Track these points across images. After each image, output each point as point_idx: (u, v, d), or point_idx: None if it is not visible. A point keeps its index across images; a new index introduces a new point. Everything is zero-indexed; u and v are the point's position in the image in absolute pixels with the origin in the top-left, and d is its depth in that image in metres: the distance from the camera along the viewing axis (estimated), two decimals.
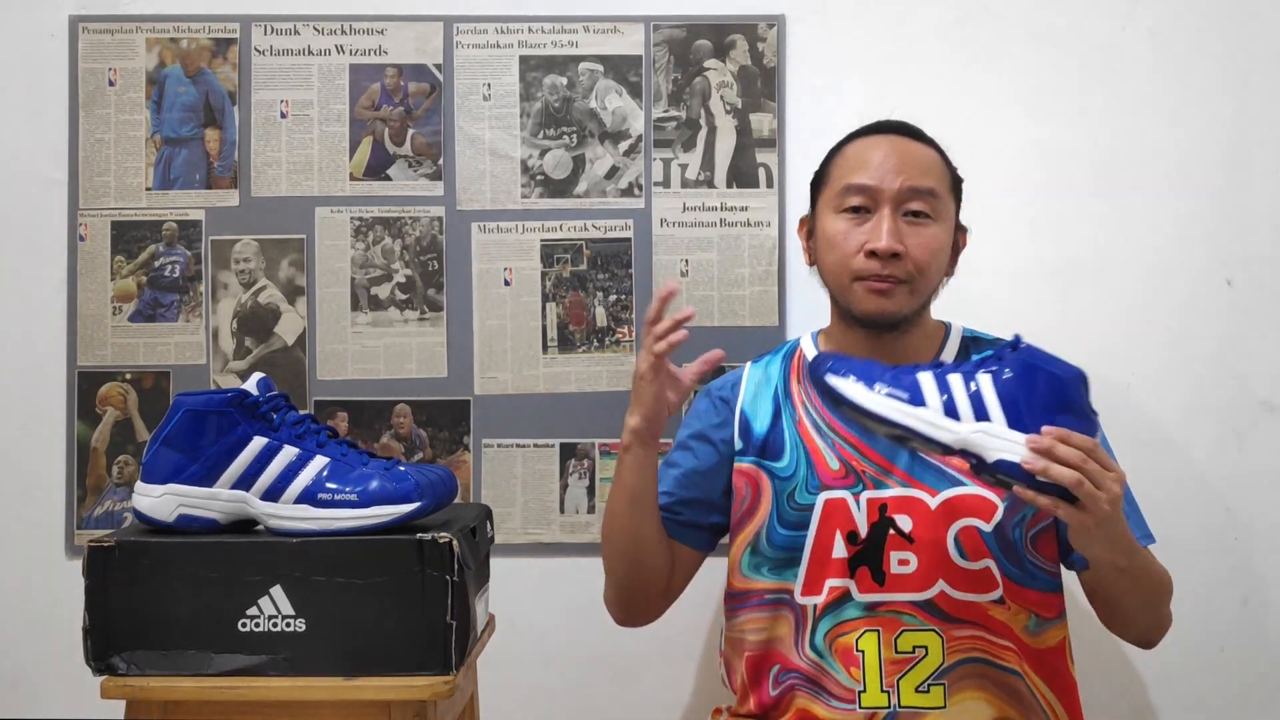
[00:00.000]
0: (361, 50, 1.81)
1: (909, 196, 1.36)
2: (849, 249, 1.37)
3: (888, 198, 1.36)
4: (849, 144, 1.44)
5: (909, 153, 1.39)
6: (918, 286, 1.37)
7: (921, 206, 1.37)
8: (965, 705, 1.33)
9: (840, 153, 1.44)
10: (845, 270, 1.38)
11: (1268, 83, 1.78)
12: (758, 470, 1.42)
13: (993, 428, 1.14)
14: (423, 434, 1.79)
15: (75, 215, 1.79)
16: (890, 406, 1.16)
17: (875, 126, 1.44)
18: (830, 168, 1.44)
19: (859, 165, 1.39)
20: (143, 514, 1.27)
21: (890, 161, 1.37)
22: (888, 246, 1.34)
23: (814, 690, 1.36)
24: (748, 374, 1.50)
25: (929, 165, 1.39)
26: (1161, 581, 1.36)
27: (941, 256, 1.39)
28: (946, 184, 1.41)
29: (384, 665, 1.23)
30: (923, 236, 1.36)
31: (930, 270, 1.37)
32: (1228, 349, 1.77)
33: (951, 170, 1.43)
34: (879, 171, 1.37)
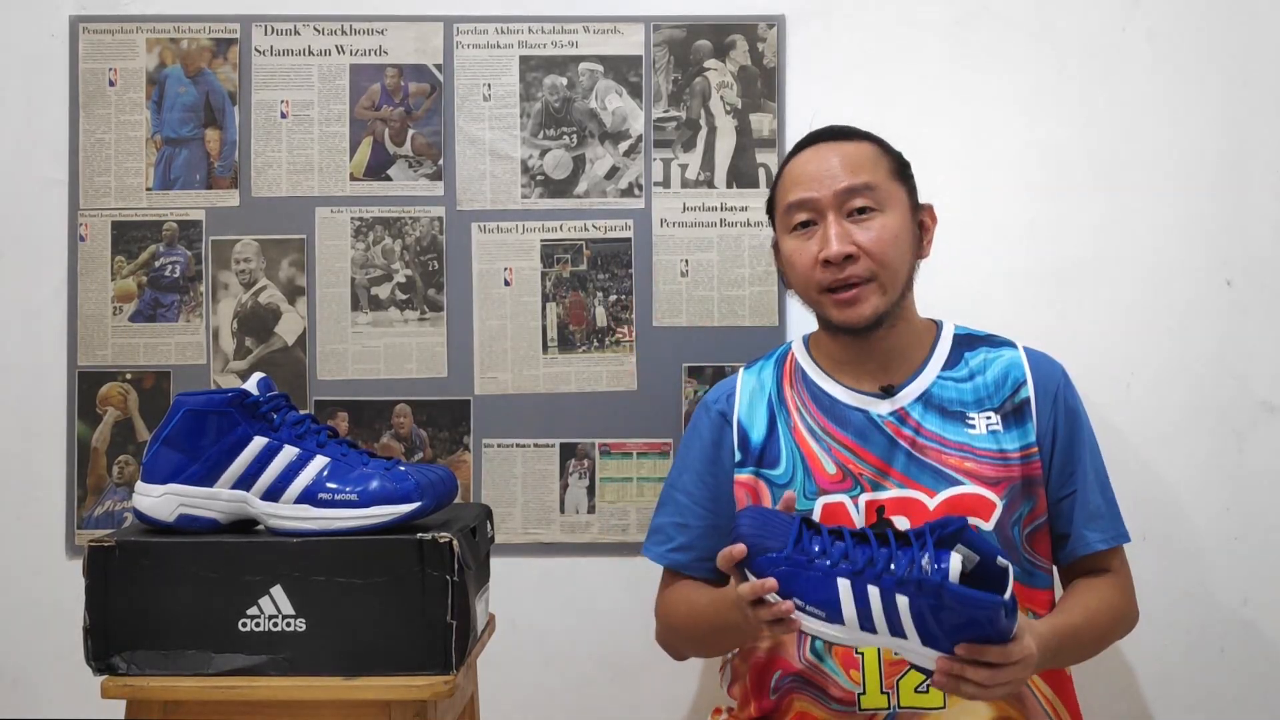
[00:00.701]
0: (362, 50, 1.81)
1: (847, 197, 1.37)
2: (805, 264, 1.39)
3: (827, 204, 1.37)
4: (786, 165, 1.46)
5: (840, 155, 1.40)
6: (884, 280, 1.37)
7: (863, 202, 1.37)
8: (965, 705, 1.32)
9: (781, 176, 1.46)
10: (809, 285, 1.40)
11: (1268, 83, 1.78)
12: (756, 480, 1.42)
13: (907, 644, 1.14)
14: (423, 434, 1.79)
15: (75, 215, 1.79)
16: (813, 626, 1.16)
17: (806, 140, 1.46)
18: (776, 192, 1.46)
19: (795, 182, 1.41)
20: (143, 514, 1.27)
21: (823, 169, 1.39)
22: (837, 251, 1.35)
23: (814, 693, 1.36)
24: (741, 382, 1.49)
25: (861, 160, 1.39)
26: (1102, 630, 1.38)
27: (900, 244, 1.38)
28: (885, 171, 1.40)
29: (384, 665, 1.23)
30: (872, 230, 1.37)
31: (891, 260, 1.37)
32: (1228, 349, 1.77)
33: (892, 156, 1.43)
34: (814, 182, 1.39)
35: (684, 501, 1.47)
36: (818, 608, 1.15)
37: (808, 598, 1.15)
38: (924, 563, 1.12)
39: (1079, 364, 1.55)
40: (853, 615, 1.14)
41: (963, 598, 1.10)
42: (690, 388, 1.78)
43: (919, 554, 1.12)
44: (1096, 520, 1.39)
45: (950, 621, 1.11)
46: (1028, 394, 1.40)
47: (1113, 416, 1.75)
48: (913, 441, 1.38)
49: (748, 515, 1.21)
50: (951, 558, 1.12)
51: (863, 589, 1.13)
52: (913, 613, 1.12)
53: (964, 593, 1.10)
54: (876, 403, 1.41)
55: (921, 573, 1.11)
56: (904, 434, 1.38)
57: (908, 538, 1.15)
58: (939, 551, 1.13)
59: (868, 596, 1.13)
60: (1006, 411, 1.40)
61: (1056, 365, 1.45)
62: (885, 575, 1.13)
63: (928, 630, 1.12)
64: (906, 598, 1.12)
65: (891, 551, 1.13)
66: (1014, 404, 1.40)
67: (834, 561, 1.14)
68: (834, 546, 1.15)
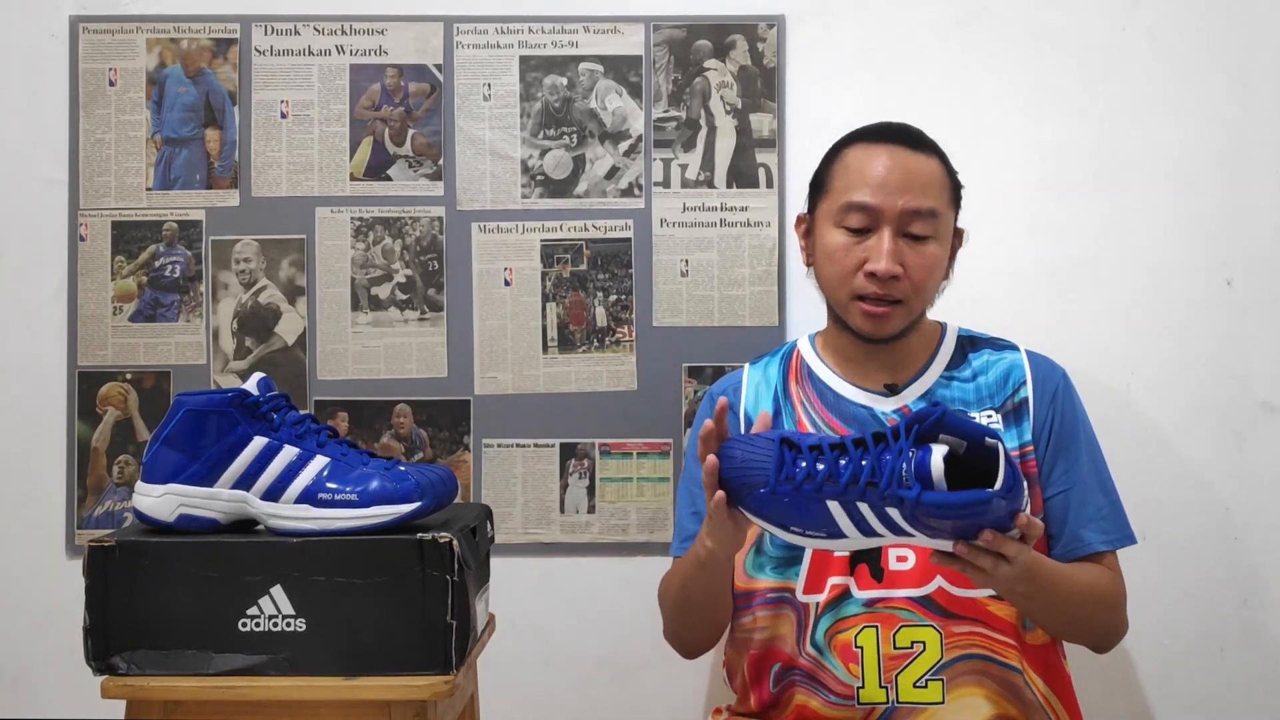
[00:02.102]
0: (362, 50, 1.81)
1: (910, 219, 1.36)
2: (848, 266, 1.37)
3: (888, 219, 1.36)
4: (849, 148, 1.42)
5: (911, 169, 1.37)
6: (914, 305, 1.39)
7: (923, 230, 1.36)
8: (963, 701, 1.33)
9: (841, 159, 1.42)
10: (844, 287, 1.39)
11: (1268, 83, 1.78)
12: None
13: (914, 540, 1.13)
14: (423, 434, 1.79)
15: (76, 215, 1.79)
16: (816, 544, 1.16)
17: (878, 132, 1.42)
18: (831, 174, 1.42)
19: (860, 180, 1.37)
20: (143, 514, 1.27)
21: (893, 178, 1.36)
22: (888, 269, 1.34)
23: (813, 686, 1.36)
24: (747, 376, 1.51)
25: (930, 181, 1.38)
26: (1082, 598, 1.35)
27: (938, 275, 1.40)
28: (947, 198, 1.40)
29: (384, 665, 1.22)
30: (922, 257, 1.37)
31: (928, 288, 1.39)
32: (1228, 349, 1.77)
33: (953, 179, 1.42)
34: (880, 191, 1.36)
35: (696, 491, 1.47)
36: (817, 531, 1.13)
37: (805, 525, 1.13)
38: (903, 470, 1.08)
39: (1079, 364, 1.55)
40: (852, 529, 1.12)
41: (948, 504, 1.06)
42: (690, 388, 1.78)
43: (898, 461, 1.08)
44: (1097, 522, 1.39)
45: (948, 523, 1.08)
46: (1026, 394, 1.41)
47: (1113, 416, 1.74)
48: None
49: (727, 451, 1.17)
50: (934, 453, 1.08)
51: (853, 506, 1.11)
52: (907, 519, 1.09)
53: (948, 500, 1.06)
54: (881, 400, 1.42)
55: (902, 485, 1.07)
56: None
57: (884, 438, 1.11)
58: (921, 450, 1.09)
59: (860, 512, 1.11)
60: (1006, 411, 1.40)
61: (1058, 368, 1.46)
62: (870, 491, 1.09)
63: (930, 529, 1.10)
64: (896, 509, 1.09)
65: (873, 460, 1.10)
66: (1014, 403, 1.41)
67: (819, 484, 1.11)
68: (817, 466, 1.12)
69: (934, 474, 1.07)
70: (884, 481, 1.09)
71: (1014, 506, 1.09)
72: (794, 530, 1.14)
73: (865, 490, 1.10)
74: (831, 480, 1.11)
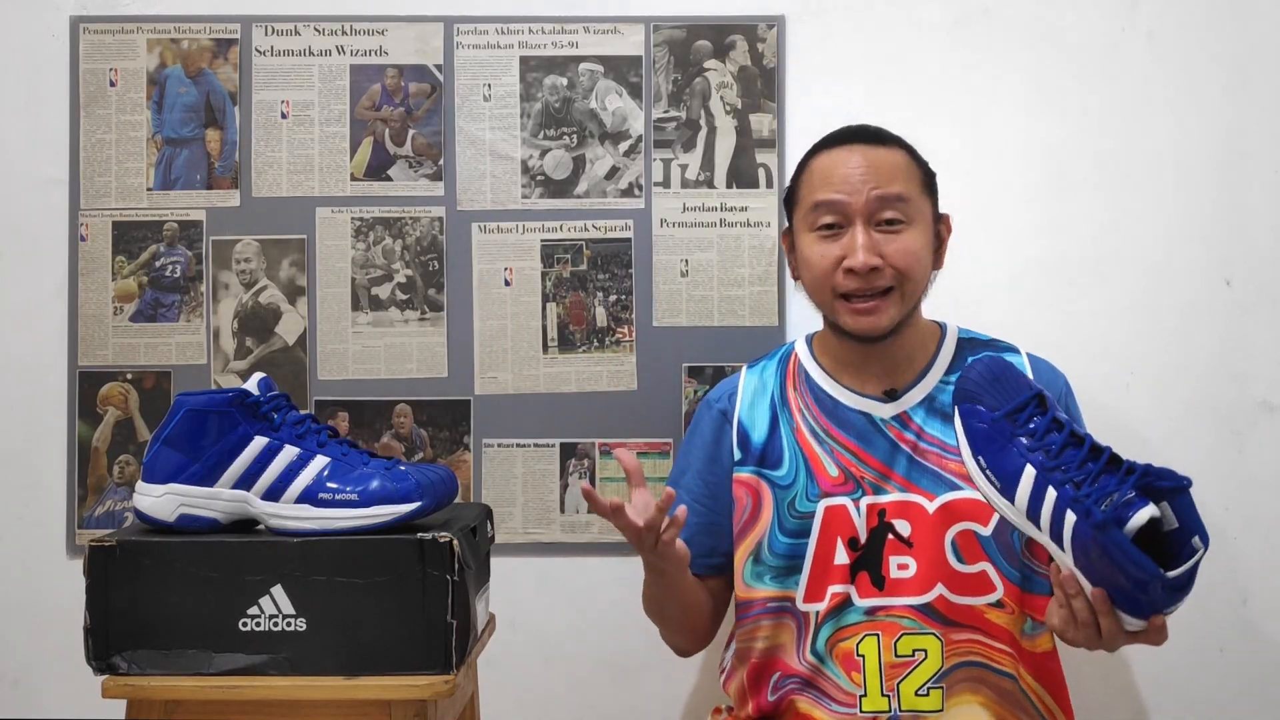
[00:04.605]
0: (362, 51, 1.81)
1: (879, 206, 1.35)
2: (826, 266, 1.36)
3: (858, 211, 1.35)
4: (814, 158, 1.42)
5: (875, 160, 1.37)
6: (905, 290, 1.36)
7: (894, 214, 1.35)
8: (962, 709, 1.32)
9: (808, 167, 1.42)
10: (826, 288, 1.37)
11: (1268, 83, 1.78)
12: (758, 480, 1.42)
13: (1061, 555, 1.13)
14: (423, 434, 1.79)
15: (76, 215, 1.79)
16: (980, 479, 1.17)
17: (839, 136, 1.42)
18: (800, 184, 1.43)
19: (826, 180, 1.37)
20: (144, 514, 1.27)
21: (857, 173, 1.36)
22: (865, 262, 1.33)
23: (814, 695, 1.36)
24: (744, 380, 1.49)
25: (896, 169, 1.37)
26: None
27: (923, 260, 1.37)
28: (917, 184, 1.39)
29: (384, 665, 1.23)
30: (899, 243, 1.35)
31: (914, 273, 1.36)
32: (1228, 349, 1.77)
33: (922, 167, 1.41)
34: (846, 185, 1.35)
35: (684, 499, 1.46)
36: (997, 478, 1.14)
37: (993, 464, 1.14)
38: (1110, 499, 1.08)
39: (1079, 364, 1.55)
40: (1024, 502, 1.13)
41: (1120, 548, 1.06)
42: (690, 388, 1.78)
43: (1114, 487, 1.08)
44: None
45: (1106, 566, 1.07)
46: None
47: (1113, 416, 1.75)
48: (914, 446, 1.37)
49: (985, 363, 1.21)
50: (1146, 507, 1.07)
51: (1043, 486, 1.11)
52: (1074, 534, 1.09)
53: (1124, 544, 1.05)
54: (880, 406, 1.40)
55: (1099, 504, 1.07)
56: (906, 438, 1.38)
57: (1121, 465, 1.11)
58: (1140, 498, 1.08)
59: (1044, 495, 1.11)
60: None
61: (1060, 374, 1.45)
62: (1069, 487, 1.10)
63: (1085, 556, 1.09)
64: (1075, 516, 1.09)
65: (1094, 471, 1.10)
66: None
67: (1035, 445, 1.13)
68: (1047, 436, 1.13)
69: (1131, 522, 1.07)
70: (1087, 491, 1.09)
71: (1166, 602, 1.09)
72: (979, 460, 1.15)
73: (1065, 485, 1.11)
74: (1047, 453, 1.13)
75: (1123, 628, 1.12)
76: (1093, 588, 1.11)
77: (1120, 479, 1.10)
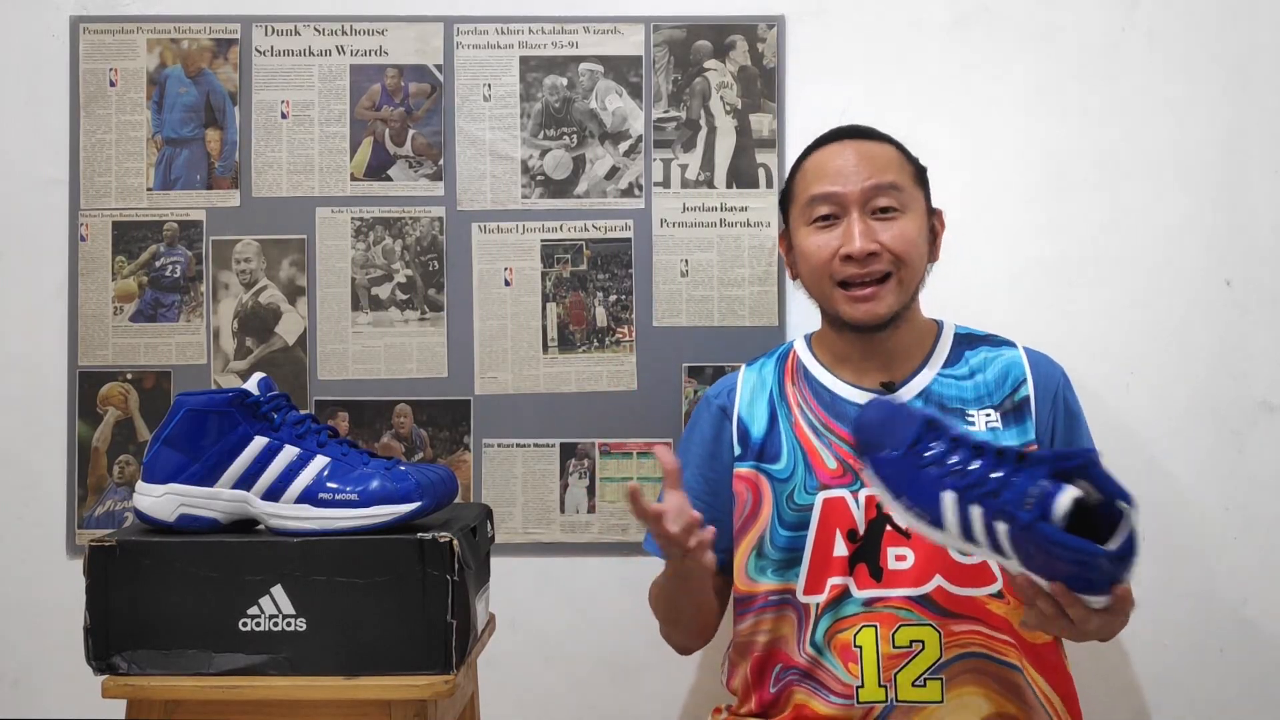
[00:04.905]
0: (362, 51, 1.81)
1: (874, 194, 1.39)
2: (824, 256, 1.39)
3: (853, 200, 1.38)
4: (808, 157, 1.46)
5: (867, 153, 1.41)
6: (903, 277, 1.39)
7: (888, 202, 1.39)
8: (963, 700, 1.33)
9: (801, 167, 1.46)
10: (825, 278, 1.40)
11: (1268, 83, 1.78)
12: (757, 474, 1.43)
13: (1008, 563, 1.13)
14: (423, 434, 1.79)
15: (76, 215, 1.79)
16: (912, 524, 1.17)
17: (830, 135, 1.47)
18: (794, 183, 1.46)
19: (820, 175, 1.42)
20: (144, 514, 1.27)
21: (850, 165, 1.40)
22: (862, 248, 1.36)
23: (812, 686, 1.36)
24: (743, 377, 1.51)
25: (888, 161, 1.41)
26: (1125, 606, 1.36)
27: (919, 246, 1.41)
28: (909, 175, 1.42)
29: (384, 665, 1.23)
30: (895, 229, 1.38)
31: (911, 259, 1.39)
32: (1228, 349, 1.77)
33: (912, 162, 1.45)
34: (840, 176, 1.40)
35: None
36: (924, 512, 1.14)
37: (915, 501, 1.14)
38: (1029, 494, 1.07)
39: (1079, 364, 1.55)
40: (955, 527, 1.13)
41: (1055, 541, 1.06)
42: (690, 388, 1.78)
43: (1029, 484, 1.08)
44: None
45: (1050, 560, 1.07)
46: (1027, 392, 1.41)
47: (1113, 416, 1.75)
48: None
49: (874, 408, 1.20)
50: (1065, 492, 1.07)
51: (965, 506, 1.11)
52: (1011, 540, 1.09)
53: (1059, 538, 1.05)
54: None
55: (1022, 507, 1.07)
56: None
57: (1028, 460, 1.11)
58: (1054, 484, 1.07)
59: (970, 515, 1.11)
60: (1006, 409, 1.40)
61: (1057, 366, 1.46)
62: (989, 499, 1.09)
63: (1029, 556, 1.09)
64: (1005, 525, 1.09)
65: (1005, 475, 1.10)
66: (1014, 402, 1.41)
67: (945, 472, 1.12)
68: (951, 456, 1.13)
69: (1056, 511, 1.07)
70: (1006, 495, 1.09)
71: (1117, 574, 1.08)
72: (902, 501, 1.15)
73: (984, 497, 1.10)
74: (958, 473, 1.12)
75: (1091, 609, 1.11)
76: (1049, 583, 1.11)
77: (1031, 474, 1.09)
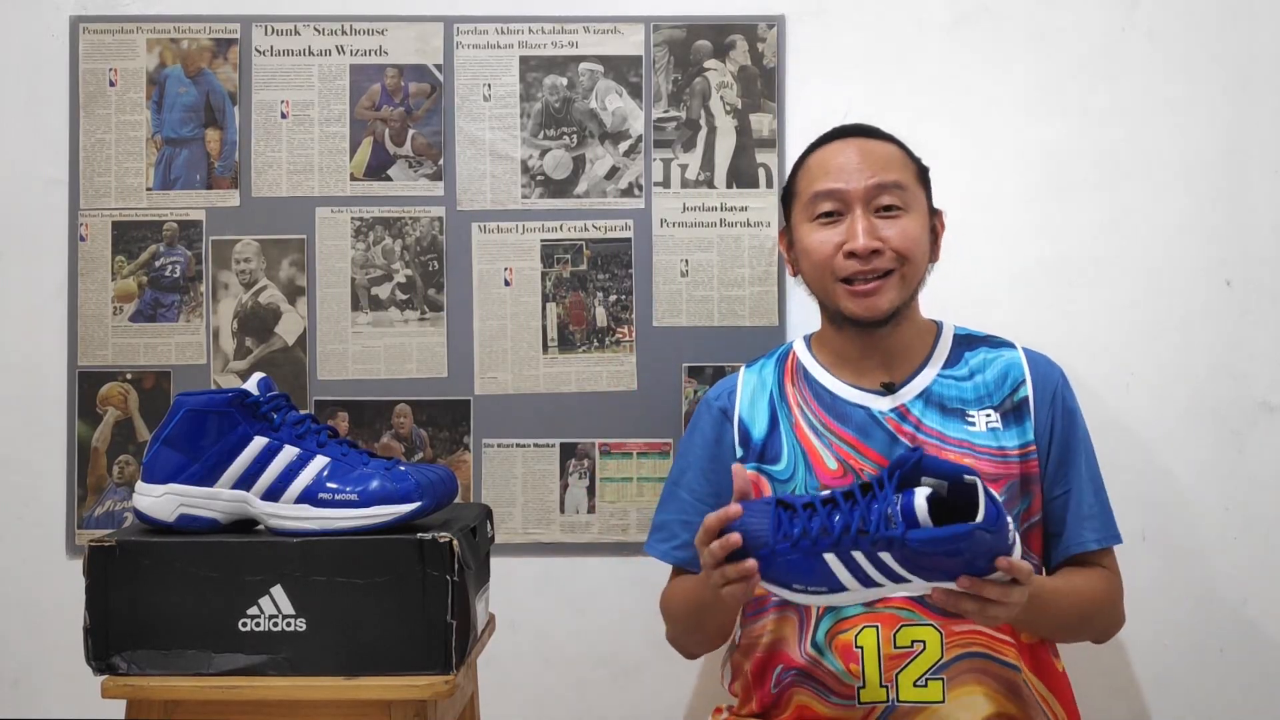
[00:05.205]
0: (362, 51, 1.81)
1: (877, 192, 1.39)
2: (827, 252, 1.40)
3: (857, 197, 1.39)
4: (811, 154, 1.46)
5: (870, 151, 1.41)
6: (905, 273, 1.39)
7: (891, 200, 1.39)
8: (963, 700, 1.33)
9: (804, 164, 1.46)
10: (828, 274, 1.40)
11: (1268, 83, 1.78)
12: (759, 476, 1.42)
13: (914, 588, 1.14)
14: (423, 434, 1.79)
15: (76, 215, 1.79)
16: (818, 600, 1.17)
17: (834, 133, 1.47)
18: (797, 180, 1.47)
19: (823, 172, 1.42)
20: (143, 514, 1.27)
21: (853, 162, 1.40)
22: (865, 245, 1.37)
23: (814, 687, 1.36)
24: (742, 379, 1.51)
25: (891, 159, 1.42)
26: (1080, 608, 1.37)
27: (921, 244, 1.41)
28: (912, 174, 1.43)
29: (384, 665, 1.23)
30: (898, 226, 1.39)
31: (914, 256, 1.39)
32: (1228, 349, 1.77)
33: (915, 161, 1.45)
34: (844, 174, 1.40)
35: (687, 499, 1.47)
36: (820, 585, 1.15)
37: (807, 581, 1.15)
38: (889, 514, 1.11)
39: (1079, 364, 1.56)
40: (852, 580, 1.14)
41: (932, 540, 1.09)
42: (690, 388, 1.78)
43: (885, 505, 1.11)
44: (1090, 520, 1.40)
45: (939, 560, 1.10)
46: (1027, 393, 1.41)
47: (1113, 416, 1.75)
48: (913, 438, 1.38)
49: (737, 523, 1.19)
50: (917, 495, 1.11)
51: (848, 556, 1.13)
52: (901, 563, 1.11)
53: (932, 534, 1.09)
54: (878, 399, 1.42)
55: (889, 527, 1.10)
56: (904, 430, 1.39)
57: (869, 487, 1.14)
58: (905, 494, 1.11)
59: (855, 561, 1.13)
60: (1006, 410, 1.40)
61: (1055, 366, 1.46)
62: (861, 539, 1.12)
63: (925, 570, 1.12)
64: (888, 552, 1.11)
65: (862, 511, 1.12)
66: (1013, 402, 1.41)
67: (814, 539, 1.13)
68: (811, 522, 1.14)
69: (919, 514, 1.10)
70: (873, 526, 1.11)
71: (999, 542, 1.10)
72: (796, 588, 1.16)
73: (857, 538, 1.12)
74: (825, 533, 1.13)
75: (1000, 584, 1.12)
76: (954, 583, 1.12)
77: (881, 496, 1.13)
